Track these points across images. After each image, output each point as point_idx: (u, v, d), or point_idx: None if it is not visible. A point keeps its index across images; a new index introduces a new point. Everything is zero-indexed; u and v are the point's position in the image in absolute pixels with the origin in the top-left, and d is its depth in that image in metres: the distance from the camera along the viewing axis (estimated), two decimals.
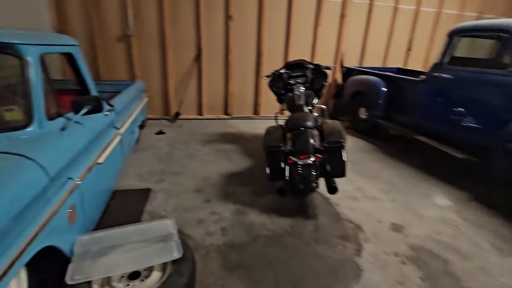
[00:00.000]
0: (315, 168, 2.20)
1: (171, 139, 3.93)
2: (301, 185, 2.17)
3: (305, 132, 2.32)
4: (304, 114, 2.53)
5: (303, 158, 2.18)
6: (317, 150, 2.24)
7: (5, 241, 1.00)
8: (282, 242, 1.97)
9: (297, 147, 2.24)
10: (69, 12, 4.18)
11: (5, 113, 1.40)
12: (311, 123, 2.41)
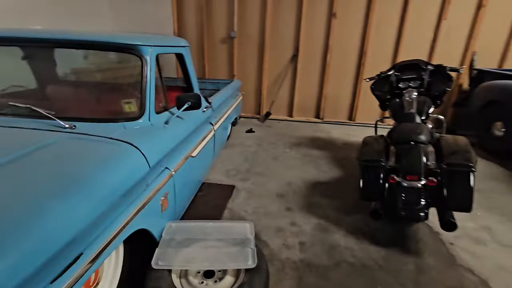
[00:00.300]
0: (426, 194, 1.77)
1: (259, 139, 3.98)
2: (403, 211, 1.78)
3: (416, 147, 1.89)
4: (416, 125, 2.08)
5: (410, 180, 1.78)
6: (431, 172, 1.79)
7: (111, 217, 1.12)
8: (370, 276, 1.65)
9: (404, 165, 1.85)
10: (186, 18, 4.75)
11: (125, 105, 1.62)
12: (424, 136, 1.95)
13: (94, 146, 1.29)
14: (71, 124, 1.43)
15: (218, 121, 2.81)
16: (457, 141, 1.94)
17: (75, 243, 0.96)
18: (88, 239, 1.03)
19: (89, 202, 1.03)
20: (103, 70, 2.67)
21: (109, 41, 1.60)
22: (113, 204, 1.15)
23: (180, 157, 1.83)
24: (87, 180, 1.07)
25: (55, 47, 1.71)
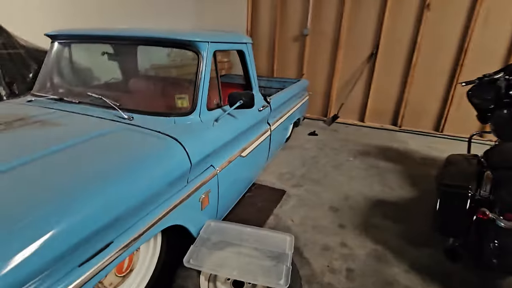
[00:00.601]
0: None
1: (322, 143, 3.72)
2: (495, 260, 1.36)
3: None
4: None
5: (510, 219, 1.34)
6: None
7: (146, 209, 1.15)
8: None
9: (504, 198, 1.41)
10: (260, 16, 4.76)
11: (178, 100, 1.66)
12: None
13: (141, 138, 1.35)
14: (130, 115, 1.54)
15: (277, 121, 2.71)
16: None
17: (112, 228, 1.00)
18: (122, 226, 1.07)
19: (128, 190, 1.07)
20: (178, 67, 2.88)
21: (169, 37, 1.66)
22: (149, 197, 1.17)
23: (227, 156, 1.80)
24: (126, 171, 1.11)
25: (122, 44, 1.87)
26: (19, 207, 0.87)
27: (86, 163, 1.12)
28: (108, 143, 1.29)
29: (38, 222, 0.83)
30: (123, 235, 1.06)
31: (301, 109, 3.75)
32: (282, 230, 1.94)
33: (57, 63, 1.90)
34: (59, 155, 1.15)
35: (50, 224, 0.84)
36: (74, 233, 0.89)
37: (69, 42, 1.89)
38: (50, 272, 0.83)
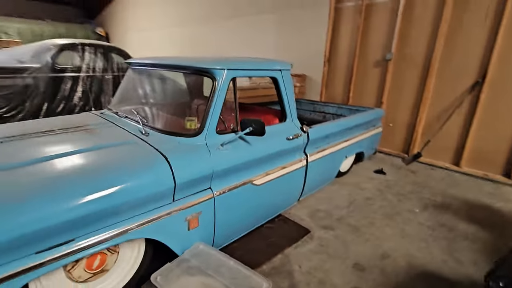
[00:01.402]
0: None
1: (386, 184, 3.14)
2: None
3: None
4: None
5: None
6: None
7: (114, 218, 1.26)
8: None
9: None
10: (339, 41, 4.56)
11: (187, 122, 1.77)
12: None
13: (139, 151, 1.50)
14: (147, 132, 1.75)
15: (319, 152, 2.48)
16: None
17: (76, 227, 1.15)
18: (88, 228, 1.21)
19: (98, 194, 1.21)
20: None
21: (191, 65, 1.82)
22: (119, 206, 1.27)
23: (232, 182, 1.77)
24: (109, 178, 1.26)
25: (159, 69, 2.15)
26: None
27: (84, 165, 1.34)
28: (114, 151, 1.50)
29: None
30: (84, 237, 1.20)
31: (368, 141, 3.32)
32: (284, 274, 1.74)
33: (125, 84, 2.37)
34: (75, 156, 1.41)
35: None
36: (39, 222, 1.07)
37: (132, 68, 2.34)
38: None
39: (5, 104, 3.78)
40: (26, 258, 1.07)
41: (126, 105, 2.20)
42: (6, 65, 3.91)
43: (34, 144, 1.56)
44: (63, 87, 4.27)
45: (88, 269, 1.34)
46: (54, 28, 9.27)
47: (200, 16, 6.95)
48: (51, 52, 4.18)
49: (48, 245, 1.12)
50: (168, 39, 8.25)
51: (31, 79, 4.00)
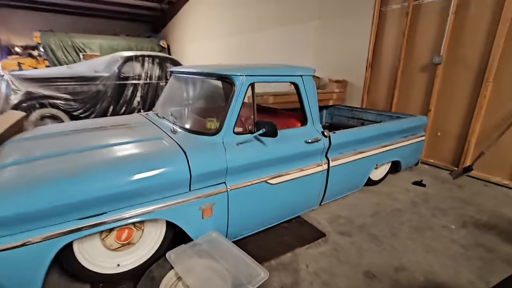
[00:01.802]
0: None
1: (423, 197, 2.92)
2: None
3: None
4: None
5: None
6: None
7: (137, 199, 1.52)
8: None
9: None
10: (383, 46, 4.37)
11: (207, 122, 1.98)
12: None
13: (164, 146, 1.76)
14: (176, 130, 2.01)
15: (343, 158, 2.48)
16: None
17: (108, 202, 1.44)
18: (116, 205, 1.49)
19: (124, 178, 1.48)
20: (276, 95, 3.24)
21: (215, 72, 2.03)
22: (140, 190, 1.53)
23: (246, 178, 1.92)
24: (136, 166, 1.53)
25: (191, 77, 2.41)
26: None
27: (117, 155, 1.64)
28: (144, 145, 1.78)
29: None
30: (114, 212, 1.48)
31: (406, 150, 3.15)
32: (289, 271, 1.81)
33: (167, 89, 2.72)
34: (115, 148, 1.73)
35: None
36: (79, 196, 1.38)
37: (173, 75, 2.67)
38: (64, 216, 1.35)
39: (81, 106, 4.59)
40: (70, 223, 1.38)
41: (166, 108, 2.53)
42: (84, 74, 4.75)
43: (92, 136, 1.95)
44: (125, 92, 4.99)
45: (118, 239, 1.63)
46: (126, 42, 10.72)
47: (249, 26, 7.33)
48: (118, 63, 4.93)
49: (86, 215, 1.42)
50: (219, 49, 8.85)
51: (102, 86, 4.77)
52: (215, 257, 1.63)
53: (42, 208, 1.30)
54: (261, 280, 1.46)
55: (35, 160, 1.57)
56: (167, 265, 1.58)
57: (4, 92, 4.23)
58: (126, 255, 1.70)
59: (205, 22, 9.42)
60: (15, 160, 1.58)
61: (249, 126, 2.05)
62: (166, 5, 11.66)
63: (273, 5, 6.39)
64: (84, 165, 1.51)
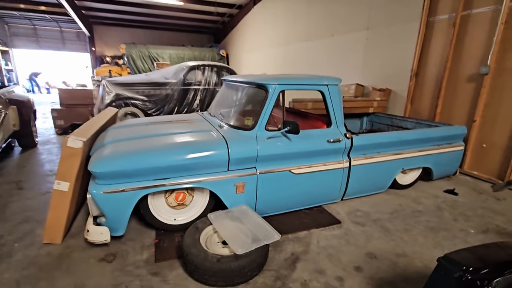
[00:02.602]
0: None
1: (451, 204, 2.98)
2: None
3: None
4: None
5: None
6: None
7: (192, 172, 2.14)
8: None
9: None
10: (429, 56, 4.39)
11: (245, 120, 2.51)
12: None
13: (212, 136, 2.35)
14: (222, 126, 2.60)
15: (366, 159, 2.77)
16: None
17: (171, 171, 2.09)
18: (177, 174, 2.12)
19: (186, 155, 2.11)
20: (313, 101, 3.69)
21: (254, 81, 2.56)
22: (195, 164, 2.13)
23: (272, 166, 2.40)
24: (191, 148, 2.15)
25: (235, 84, 2.97)
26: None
27: (179, 140, 2.28)
28: (199, 134, 2.41)
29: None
30: (175, 178, 2.11)
31: (439, 158, 3.26)
32: (302, 243, 2.23)
33: (219, 94, 3.36)
34: (178, 135, 2.39)
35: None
36: (161, 166, 2.04)
37: (224, 83, 3.30)
38: (145, 177, 2.03)
39: (154, 106, 5.63)
40: (148, 181, 2.05)
41: (217, 108, 3.17)
42: (157, 81, 5.81)
43: (162, 127, 2.67)
44: (188, 96, 5.91)
45: (176, 199, 2.26)
46: (191, 52, 12.16)
47: (300, 36, 7.78)
48: (183, 71, 5.89)
49: (158, 177, 2.08)
50: (272, 58, 9.48)
51: (170, 90, 5.76)
52: (242, 221, 2.14)
53: (129, 169, 1.99)
54: (274, 239, 1.92)
55: (125, 140, 2.31)
56: (208, 222, 2.14)
57: (101, 94, 5.49)
58: (180, 213, 2.33)
59: (259, 34, 10.18)
60: (113, 139, 2.34)
61: (279, 124, 2.53)
62: (227, 18, 12.84)
63: (324, 16, 6.74)
64: (157, 145, 2.19)
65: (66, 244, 2.14)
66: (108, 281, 1.79)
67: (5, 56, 12.54)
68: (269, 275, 1.87)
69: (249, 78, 2.72)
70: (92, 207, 2.02)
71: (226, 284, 1.75)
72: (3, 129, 3.53)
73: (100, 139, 2.46)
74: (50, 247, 2.10)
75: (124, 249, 2.10)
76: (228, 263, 1.73)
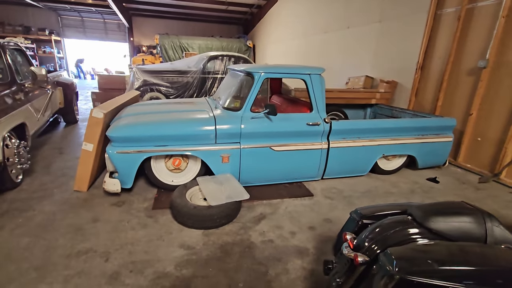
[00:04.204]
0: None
1: (427, 189, 3.18)
2: None
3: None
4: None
5: None
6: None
7: (186, 141, 2.65)
8: None
9: None
10: (435, 48, 4.43)
11: (234, 102, 2.95)
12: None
13: (207, 114, 2.83)
14: (217, 107, 3.07)
15: (342, 143, 3.09)
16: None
17: (171, 140, 2.62)
18: (173, 142, 2.64)
19: (182, 127, 2.62)
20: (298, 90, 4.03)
21: (243, 69, 2.98)
22: (188, 136, 2.64)
23: (254, 142, 2.83)
24: (188, 124, 2.66)
25: (236, 73, 3.40)
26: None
27: (181, 116, 2.79)
28: (195, 113, 2.90)
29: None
30: (173, 145, 2.64)
31: (423, 148, 3.44)
32: (273, 207, 2.66)
33: (223, 81, 3.83)
34: (179, 112, 2.91)
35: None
36: (164, 136, 2.58)
37: (229, 71, 3.75)
38: (150, 142, 2.59)
39: (175, 92, 6.27)
40: (151, 147, 2.60)
41: (219, 93, 3.64)
42: (180, 69, 6.42)
43: (171, 106, 3.22)
44: (206, 83, 6.46)
45: (173, 164, 2.81)
46: (219, 43, 12.72)
47: (319, 29, 7.92)
48: (204, 61, 6.43)
49: (159, 144, 2.62)
50: (293, 50, 9.70)
51: (190, 78, 6.36)
52: (223, 184, 2.62)
53: (136, 136, 2.55)
54: (243, 198, 2.37)
55: (137, 114, 2.88)
56: (195, 183, 2.65)
57: (131, 80, 6.24)
58: (177, 176, 2.88)
59: (284, 25, 10.39)
60: (127, 114, 2.93)
61: (259, 107, 2.94)
62: (255, 9, 13.15)
63: (343, 8, 6.83)
64: (159, 119, 2.73)
65: (90, 192, 2.80)
66: (115, 218, 2.38)
67: (57, 45, 14.14)
68: (236, 225, 2.34)
69: (242, 67, 3.14)
70: (108, 164, 2.63)
71: (200, 226, 2.25)
72: (51, 105, 4.35)
73: (120, 113, 3.07)
74: (78, 193, 2.77)
75: (131, 199, 2.69)
76: (201, 211, 2.23)
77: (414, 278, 1.00)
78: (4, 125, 2.59)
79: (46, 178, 3.09)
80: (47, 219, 2.32)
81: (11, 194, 2.70)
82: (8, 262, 1.82)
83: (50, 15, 14.02)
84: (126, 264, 1.86)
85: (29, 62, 4.08)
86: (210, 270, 1.84)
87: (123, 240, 2.10)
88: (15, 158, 2.76)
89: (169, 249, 2.02)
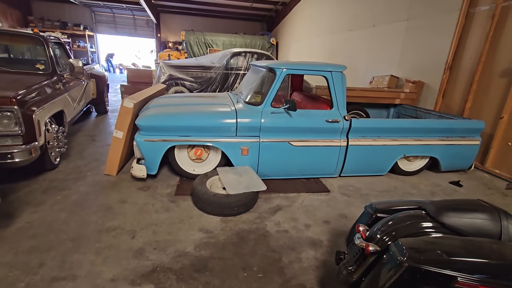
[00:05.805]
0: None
1: (449, 192, 3.10)
2: None
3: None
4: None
5: None
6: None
7: (208, 133, 2.78)
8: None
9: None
10: (465, 48, 4.26)
11: (255, 96, 3.03)
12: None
13: (229, 108, 2.94)
14: (239, 101, 3.17)
15: (361, 141, 3.09)
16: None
17: (191, 131, 2.76)
18: (194, 134, 2.78)
19: (210, 122, 2.75)
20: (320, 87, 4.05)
21: (266, 65, 3.05)
22: (209, 128, 2.77)
23: (273, 136, 2.91)
24: (212, 116, 2.79)
25: (257, 69, 3.47)
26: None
27: (204, 109, 2.92)
28: (218, 106, 3.02)
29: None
30: (196, 136, 2.78)
31: (447, 150, 3.36)
32: (289, 200, 2.73)
33: (246, 76, 3.92)
34: (202, 105, 3.04)
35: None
36: (188, 125, 2.73)
37: (251, 67, 3.84)
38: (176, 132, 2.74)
39: (199, 87, 6.46)
40: (175, 137, 2.76)
41: (241, 88, 3.75)
42: (204, 64, 6.61)
43: (194, 99, 3.37)
44: (229, 79, 6.60)
45: (195, 154, 2.95)
46: (243, 39, 12.86)
47: (344, 26, 7.81)
48: (227, 57, 6.57)
49: (183, 134, 2.77)
50: (317, 48, 9.62)
51: (214, 73, 6.52)
52: (242, 176, 2.72)
53: (161, 126, 2.71)
54: (261, 189, 2.46)
55: (163, 106, 3.05)
56: (216, 173, 2.77)
57: (158, 74, 6.51)
58: (198, 166, 3.02)
59: (308, 23, 10.31)
60: (154, 105, 3.10)
61: (280, 103, 3.00)
62: (280, 6, 13.14)
63: (369, 6, 6.69)
64: (183, 111, 2.88)
65: (119, 177, 3.01)
66: (141, 201, 2.56)
67: (90, 40, 14.93)
68: (253, 215, 2.43)
69: (264, 63, 3.22)
70: (136, 151, 2.82)
71: (219, 213, 2.37)
72: (85, 96, 4.66)
73: (147, 104, 3.26)
74: (108, 177, 2.99)
75: (155, 185, 2.87)
76: (220, 198, 2.34)
77: (422, 266, 1.03)
78: (46, 112, 2.85)
79: (80, 161, 3.35)
80: (81, 198, 2.54)
81: (51, 174, 2.96)
82: (49, 232, 2.04)
83: (85, 11, 14.79)
84: (150, 242, 2.01)
85: (67, 55, 4.41)
86: (227, 253, 1.95)
87: (148, 221, 2.26)
88: (54, 142, 3.03)
89: (189, 232, 2.16)
